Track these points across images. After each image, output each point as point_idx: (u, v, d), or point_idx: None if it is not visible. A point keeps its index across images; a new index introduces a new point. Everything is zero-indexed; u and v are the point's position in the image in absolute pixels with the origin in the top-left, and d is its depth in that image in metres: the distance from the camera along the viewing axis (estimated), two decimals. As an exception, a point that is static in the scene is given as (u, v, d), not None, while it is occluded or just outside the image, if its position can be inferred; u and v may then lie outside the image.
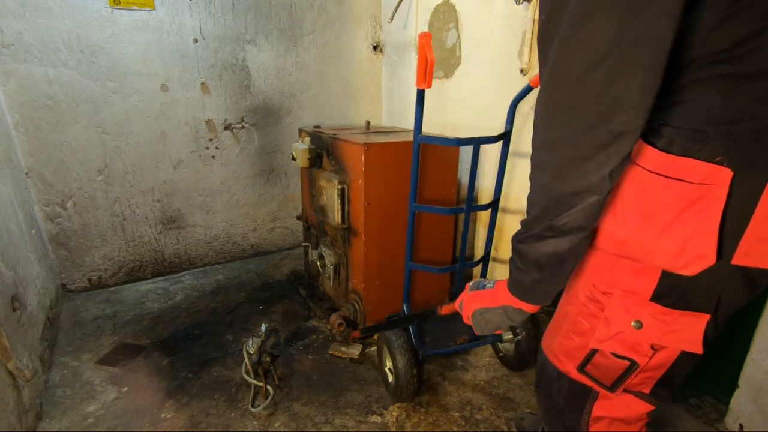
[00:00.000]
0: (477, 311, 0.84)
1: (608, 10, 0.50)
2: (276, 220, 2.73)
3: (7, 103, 1.85)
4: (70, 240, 2.13)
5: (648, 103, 0.53)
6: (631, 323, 0.67)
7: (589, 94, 0.54)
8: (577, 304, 0.76)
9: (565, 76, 0.56)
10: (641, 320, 0.67)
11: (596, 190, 0.59)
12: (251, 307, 2.12)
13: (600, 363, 0.74)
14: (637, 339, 0.68)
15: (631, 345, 0.69)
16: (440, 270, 1.59)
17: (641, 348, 0.68)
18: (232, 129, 2.40)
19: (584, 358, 0.75)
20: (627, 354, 0.70)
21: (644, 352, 0.68)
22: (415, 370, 1.42)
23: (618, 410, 0.78)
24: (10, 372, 1.23)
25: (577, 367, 0.77)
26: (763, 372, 1.23)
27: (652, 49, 0.51)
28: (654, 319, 0.66)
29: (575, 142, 0.57)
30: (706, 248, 0.58)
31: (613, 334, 0.69)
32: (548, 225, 0.64)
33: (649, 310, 0.66)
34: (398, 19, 2.49)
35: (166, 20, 2.07)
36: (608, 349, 0.71)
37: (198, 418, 1.41)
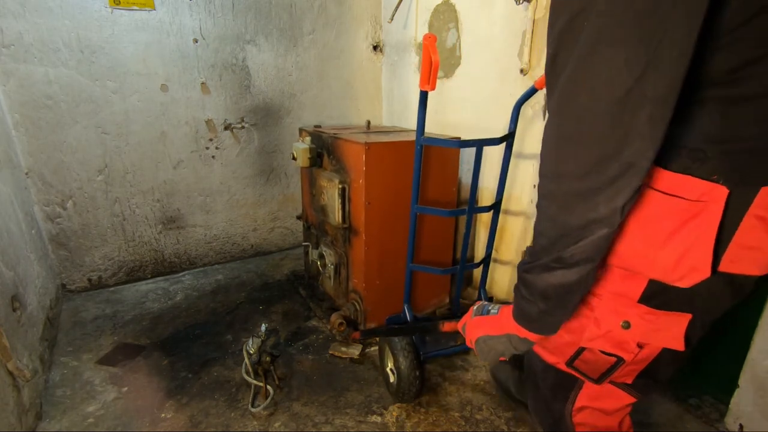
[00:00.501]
0: (481, 338, 0.84)
1: (619, 44, 0.50)
2: (276, 220, 2.73)
3: (7, 103, 1.85)
4: (70, 240, 2.13)
5: (659, 135, 0.54)
6: (620, 323, 0.70)
7: (599, 127, 0.54)
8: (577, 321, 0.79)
9: (574, 108, 0.56)
10: (629, 320, 0.69)
11: (606, 223, 0.59)
12: (251, 307, 2.12)
13: (588, 359, 0.76)
14: (624, 338, 0.71)
15: (618, 343, 0.72)
16: (442, 271, 1.58)
17: (628, 346, 0.71)
18: (232, 129, 2.40)
19: (573, 353, 0.78)
20: (614, 351, 0.73)
21: (631, 350, 0.71)
22: (418, 372, 1.42)
23: (601, 400, 0.82)
24: (10, 372, 1.23)
25: (566, 362, 0.79)
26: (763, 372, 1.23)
27: (663, 82, 0.51)
28: (641, 319, 0.69)
29: (584, 174, 0.57)
30: (701, 262, 0.60)
31: (603, 334, 0.72)
32: (556, 256, 0.64)
33: (636, 311, 0.69)
34: (398, 19, 2.49)
35: (166, 20, 2.07)
36: (597, 347, 0.74)
37: (198, 418, 1.41)
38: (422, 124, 1.30)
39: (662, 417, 1.42)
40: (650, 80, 0.50)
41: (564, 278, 0.65)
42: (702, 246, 0.60)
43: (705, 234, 0.59)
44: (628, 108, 0.52)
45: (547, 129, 0.62)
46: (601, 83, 0.52)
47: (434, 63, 1.10)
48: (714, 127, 0.56)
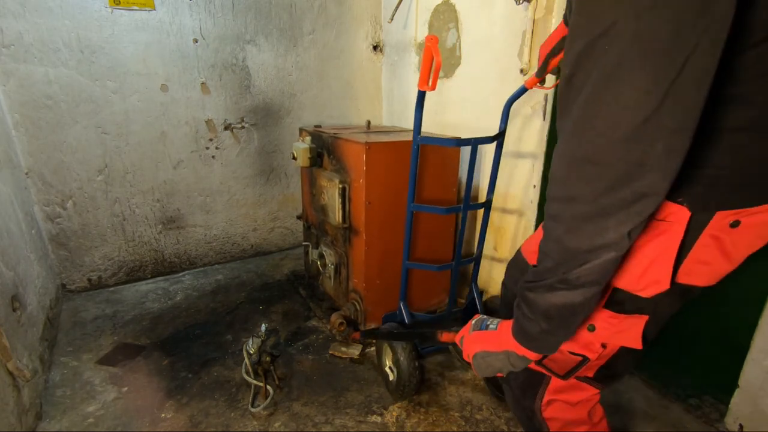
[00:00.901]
0: (479, 354, 0.84)
1: (640, 72, 0.50)
2: (276, 220, 2.73)
3: (7, 103, 1.84)
4: (70, 240, 2.13)
5: (674, 166, 0.54)
6: (586, 327, 0.76)
7: (615, 154, 0.54)
8: None
9: (591, 132, 0.56)
10: (594, 324, 0.75)
11: (614, 247, 0.60)
12: (251, 307, 2.12)
13: (557, 358, 0.82)
14: (590, 339, 0.77)
15: (585, 344, 0.78)
16: (437, 268, 1.59)
17: (593, 346, 0.78)
18: (232, 129, 2.40)
19: None
20: (581, 351, 0.79)
21: (596, 350, 0.78)
22: (417, 362, 1.43)
23: (566, 393, 0.88)
24: (10, 372, 1.23)
25: (535, 361, 0.82)
26: (763, 372, 1.23)
27: (681, 113, 0.51)
28: (604, 323, 0.74)
29: (595, 199, 0.58)
30: (662, 276, 0.66)
31: None
32: (561, 278, 0.65)
33: (601, 315, 0.74)
34: (398, 19, 2.49)
35: (166, 20, 2.07)
36: (565, 349, 0.80)
37: (198, 418, 1.41)
38: (419, 123, 1.32)
39: (662, 417, 1.42)
40: (669, 111, 0.50)
41: (568, 299, 0.66)
42: (664, 261, 0.65)
43: (668, 251, 0.64)
44: (645, 138, 0.52)
45: (559, 150, 0.62)
46: (619, 110, 0.52)
47: (436, 64, 1.10)
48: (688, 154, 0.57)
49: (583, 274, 0.62)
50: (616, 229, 0.58)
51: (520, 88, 1.39)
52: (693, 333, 1.46)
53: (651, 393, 1.52)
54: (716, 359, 1.41)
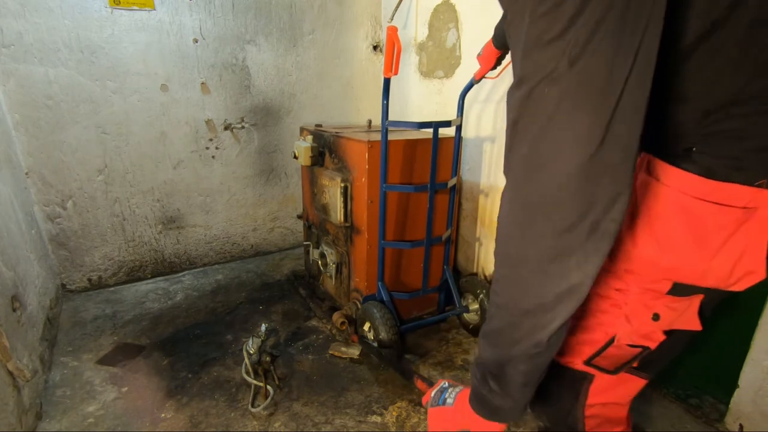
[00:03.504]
0: None
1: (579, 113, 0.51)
2: (276, 220, 2.73)
3: (7, 103, 1.84)
4: (70, 240, 2.13)
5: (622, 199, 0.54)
6: (651, 317, 0.70)
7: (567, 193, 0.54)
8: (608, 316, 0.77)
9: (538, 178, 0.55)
10: (659, 312, 0.70)
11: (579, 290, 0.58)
12: (251, 307, 2.12)
13: (612, 354, 0.75)
14: (653, 329, 0.71)
15: (646, 334, 0.72)
16: (410, 245, 1.72)
17: (655, 335, 0.72)
18: (232, 129, 2.40)
19: (594, 352, 0.76)
20: (642, 342, 0.72)
21: (657, 339, 0.72)
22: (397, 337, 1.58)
23: (614, 390, 0.82)
24: (10, 372, 1.23)
25: (583, 361, 0.78)
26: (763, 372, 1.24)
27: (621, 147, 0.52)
28: (667, 309, 0.69)
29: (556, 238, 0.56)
30: (755, 265, 0.61)
31: (635, 329, 0.72)
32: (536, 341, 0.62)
33: (663, 301, 0.69)
34: (398, 19, 2.49)
35: (166, 20, 2.07)
36: (626, 342, 0.73)
37: (198, 418, 1.41)
38: (386, 110, 1.50)
39: (662, 417, 1.42)
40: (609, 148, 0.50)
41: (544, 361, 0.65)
42: (755, 250, 0.61)
43: (757, 238, 0.60)
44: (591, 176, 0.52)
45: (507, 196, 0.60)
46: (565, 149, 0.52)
47: (397, 50, 1.25)
48: (753, 136, 0.57)
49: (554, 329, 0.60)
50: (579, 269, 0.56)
51: (470, 81, 1.63)
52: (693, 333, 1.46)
53: (651, 393, 1.52)
54: (716, 359, 1.41)
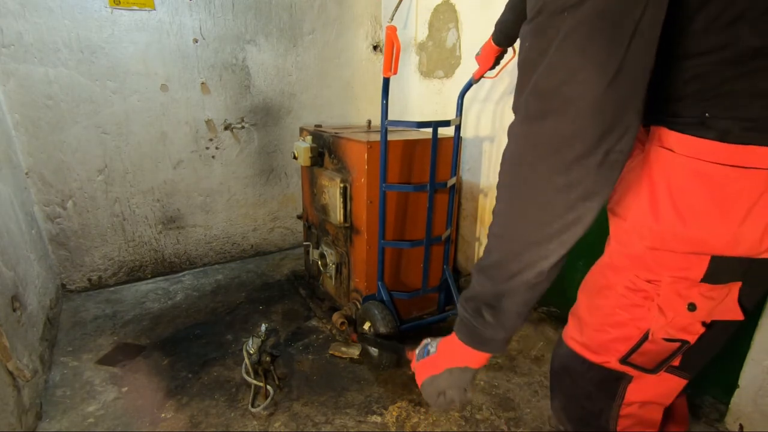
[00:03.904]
0: (425, 381, 0.82)
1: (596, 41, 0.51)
2: (276, 220, 2.73)
3: (7, 103, 1.84)
4: (70, 240, 2.13)
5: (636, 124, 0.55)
6: (686, 307, 0.67)
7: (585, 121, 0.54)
8: (614, 297, 0.74)
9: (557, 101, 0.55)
10: (694, 302, 0.66)
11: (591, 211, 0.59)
12: (251, 307, 2.12)
13: (648, 350, 0.72)
14: (690, 321, 0.68)
15: (683, 327, 0.69)
16: (410, 245, 1.73)
17: (693, 327, 0.68)
18: (232, 129, 2.40)
19: (629, 349, 0.74)
20: (679, 336, 0.69)
21: (696, 331, 0.68)
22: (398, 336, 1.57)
23: (653, 390, 0.78)
24: (10, 372, 1.23)
25: (619, 360, 0.75)
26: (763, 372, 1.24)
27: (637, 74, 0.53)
28: (704, 298, 0.66)
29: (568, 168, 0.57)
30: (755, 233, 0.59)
31: (669, 321, 0.69)
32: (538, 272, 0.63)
33: (698, 290, 0.66)
34: (398, 19, 2.49)
35: (166, 20, 2.07)
36: (662, 336, 0.70)
37: (198, 418, 1.41)
38: (386, 109, 1.50)
39: (662, 417, 1.42)
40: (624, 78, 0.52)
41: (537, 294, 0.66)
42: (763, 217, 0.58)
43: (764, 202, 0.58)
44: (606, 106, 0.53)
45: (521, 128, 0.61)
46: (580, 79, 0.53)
47: (397, 50, 1.24)
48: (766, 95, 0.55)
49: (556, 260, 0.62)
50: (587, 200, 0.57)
51: (469, 80, 1.63)
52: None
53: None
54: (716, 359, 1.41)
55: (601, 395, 0.81)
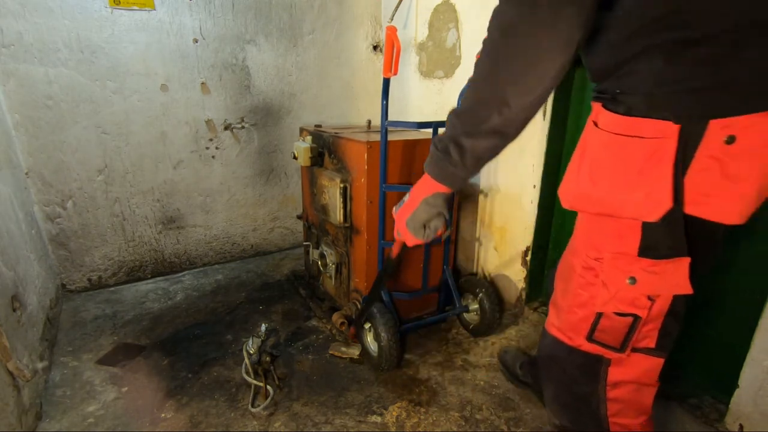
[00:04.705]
0: (407, 220, 0.95)
1: None
2: (276, 220, 2.73)
3: (7, 103, 1.84)
4: (70, 240, 2.13)
5: None
6: (626, 280, 0.74)
7: None
8: (575, 278, 0.82)
9: None
10: (634, 276, 0.73)
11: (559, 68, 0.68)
12: (251, 307, 2.12)
13: (606, 326, 0.78)
14: (634, 294, 0.74)
15: (630, 301, 0.75)
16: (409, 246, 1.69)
17: (640, 301, 0.74)
18: (232, 129, 2.40)
19: (591, 326, 0.80)
20: (629, 310, 0.75)
21: (643, 305, 0.74)
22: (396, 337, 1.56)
23: (632, 371, 0.82)
24: (10, 372, 1.23)
25: (586, 338, 0.81)
26: (763, 372, 1.23)
27: None
28: (645, 272, 0.73)
29: None
30: (663, 194, 0.67)
31: (613, 295, 0.75)
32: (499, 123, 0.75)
33: (639, 265, 0.73)
34: (398, 19, 2.49)
35: (166, 20, 2.07)
36: (611, 310, 0.76)
37: (198, 418, 1.41)
38: (386, 110, 1.50)
39: (662, 417, 1.42)
40: None
41: (498, 145, 0.79)
42: (662, 179, 0.66)
43: (664, 167, 0.66)
44: None
45: None
46: None
47: (397, 50, 1.24)
48: (662, 72, 0.65)
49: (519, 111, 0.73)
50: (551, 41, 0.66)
51: None
52: (693, 333, 1.46)
53: (651, 393, 1.52)
54: (716, 359, 1.41)
55: (585, 379, 0.86)
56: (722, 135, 0.63)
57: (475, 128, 0.77)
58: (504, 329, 1.89)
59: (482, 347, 1.79)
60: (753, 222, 1.26)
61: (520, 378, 1.51)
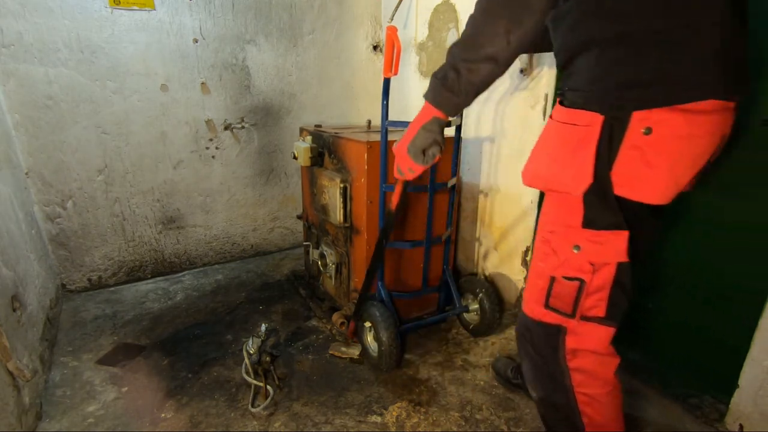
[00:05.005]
0: (408, 146, 1.04)
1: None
2: (276, 220, 2.73)
3: (7, 103, 1.84)
4: (70, 240, 2.13)
5: None
6: (573, 249, 0.88)
7: None
8: (536, 251, 0.96)
9: None
10: (579, 244, 0.87)
11: None
12: (251, 307, 2.12)
13: (558, 291, 0.92)
14: (579, 261, 0.87)
15: (576, 267, 0.88)
16: (410, 245, 1.72)
17: (584, 267, 0.87)
18: (232, 129, 2.40)
19: (546, 293, 0.93)
20: (575, 274, 0.88)
21: (587, 270, 0.87)
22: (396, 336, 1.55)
23: (587, 339, 0.93)
24: (10, 372, 1.23)
25: (543, 305, 0.94)
26: (763, 372, 1.23)
27: None
28: (588, 242, 0.86)
29: None
30: (586, 172, 0.82)
31: (562, 261, 0.89)
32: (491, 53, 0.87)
33: (583, 235, 0.86)
34: (398, 19, 2.49)
35: (166, 20, 2.07)
36: (561, 274, 0.90)
37: (198, 418, 1.41)
38: (386, 110, 1.50)
39: (662, 417, 1.42)
40: None
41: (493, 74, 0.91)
42: (586, 159, 0.81)
43: (589, 150, 0.81)
44: None
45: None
46: None
47: (397, 50, 1.26)
48: (591, 71, 0.81)
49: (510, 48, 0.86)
50: None
51: None
52: (693, 333, 1.46)
53: (651, 393, 1.52)
54: (716, 359, 1.41)
55: (548, 349, 0.97)
56: (641, 127, 0.76)
57: (472, 55, 0.88)
58: (504, 329, 1.89)
59: (482, 347, 1.79)
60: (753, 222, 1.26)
61: (512, 381, 1.53)
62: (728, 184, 1.29)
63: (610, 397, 0.96)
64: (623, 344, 1.64)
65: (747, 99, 1.20)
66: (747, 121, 1.21)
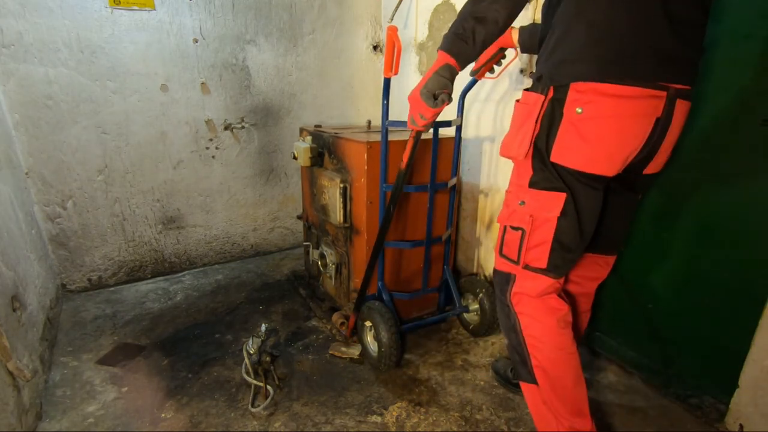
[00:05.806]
0: (421, 90, 1.13)
1: None
2: (276, 220, 2.73)
3: (7, 103, 1.84)
4: (70, 240, 2.13)
5: None
6: (518, 203, 1.08)
7: None
8: (502, 210, 1.15)
9: None
10: (524, 200, 1.07)
11: None
12: (251, 307, 2.12)
13: (508, 240, 1.12)
14: (522, 213, 1.07)
15: (520, 218, 1.08)
16: (411, 245, 1.73)
17: (525, 218, 1.06)
18: (232, 129, 2.40)
19: (501, 242, 1.14)
20: (519, 224, 1.08)
21: (527, 222, 1.06)
22: (397, 335, 1.56)
23: (527, 284, 1.11)
24: (10, 372, 1.23)
25: (499, 253, 1.15)
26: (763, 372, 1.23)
27: None
28: (531, 198, 1.06)
29: None
30: (526, 141, 1.03)
31: (510, 213, 1.10)
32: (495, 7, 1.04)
33: (528, 193, 1.06)
34: (398, 19, 2.49)
35: (166, 20, 2.07)
36: (509, 224, 1.11)
37: (198, 418, 1.41)
38: (386, 110, 1.51)
39: (662, 417, 1.42)
40: None
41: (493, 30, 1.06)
42: (528, 131, 1.02)
43: (530, 123, 1.01)
44: None
45: None
46: None
47: (397, 50, 1.29)
48: (543, 59, 1.01)
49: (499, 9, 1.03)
50: None
51: (471, 80, 1.66)
52: (692, 333, 1.46)
53: (651, 393, 1.52)
54: (716, 359, 1.41)
55: (503, 295, 1.17)
56: (574, 107, 0.94)
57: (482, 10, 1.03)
58: (504, 329, 1.89)
59: (482, 347, 1.79)
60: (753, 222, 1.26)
61: (511, 381, 1.53)
62: (728, 184, 1.29)
63: (561, 353, 1.10)
64: (623, 344, 1.65)
65: (747, 99, 1.20)
66: (747, 121, 1.21)
